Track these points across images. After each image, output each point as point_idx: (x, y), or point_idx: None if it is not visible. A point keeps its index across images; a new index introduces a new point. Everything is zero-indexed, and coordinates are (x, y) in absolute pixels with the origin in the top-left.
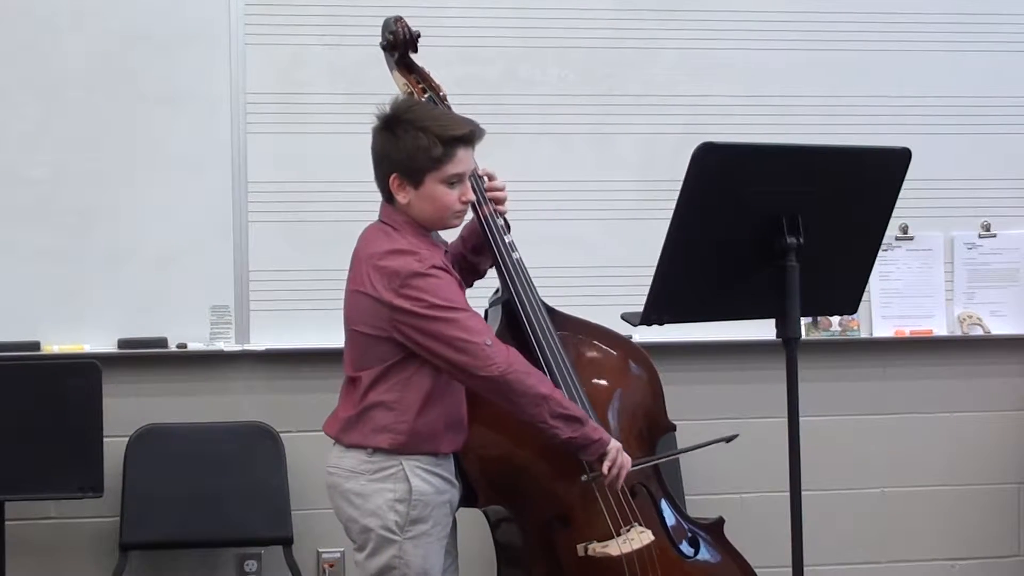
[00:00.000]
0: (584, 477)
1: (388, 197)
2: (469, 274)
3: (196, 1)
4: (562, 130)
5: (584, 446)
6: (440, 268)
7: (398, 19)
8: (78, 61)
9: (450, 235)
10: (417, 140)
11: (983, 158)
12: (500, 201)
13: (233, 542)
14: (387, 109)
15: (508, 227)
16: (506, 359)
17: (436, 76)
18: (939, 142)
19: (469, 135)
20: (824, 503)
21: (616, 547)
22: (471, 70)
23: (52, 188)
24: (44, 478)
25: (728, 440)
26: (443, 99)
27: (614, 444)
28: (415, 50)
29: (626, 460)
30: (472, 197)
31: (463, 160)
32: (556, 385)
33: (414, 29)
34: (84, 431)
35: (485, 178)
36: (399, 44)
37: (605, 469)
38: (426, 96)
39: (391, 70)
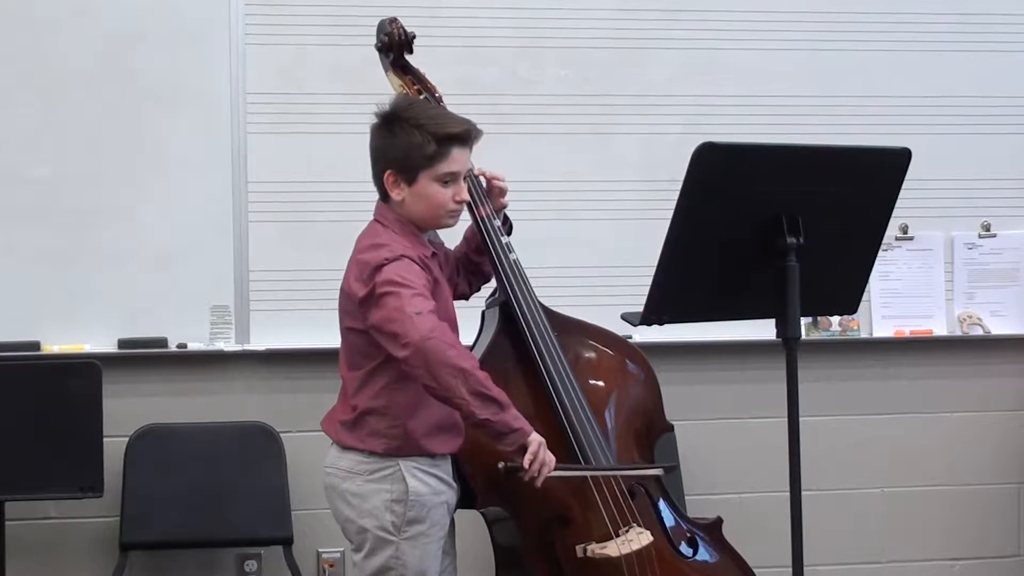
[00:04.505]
0: (500, 465)
1: (383, 194)
2: (475, 276)
3: (196, 1)
4: (562, 130)
5: (502, 433)
6: (409, 258)
7: (393, 20)
8: (78, 61)
9: (454, 237)
10: (411, 137)
11: (983, 158)
12: (502, 192)
13: (233, 542)
14: (386, 106)
15: (511, 226)
16: (429, 327)
17: (434, 77)
18: (939, 142)
19: (464, 134)
20: (824, 503)
21: (615, 548)
22: (470, 70)
23: (52, 188)
24: (44, 478)
25: (667, 471)
26: (439, 100)
27: (535, 438)
28: (410, 51)
29: (549, 458)
30: (467, 197)
31: (457, 159)
32: (554, 386)
33: (409, 31)
34: (84, 431)
35: (482, 178)
36: (394, 46)
37: (526, 463)
38: (422, 97)
39: (386, 71)
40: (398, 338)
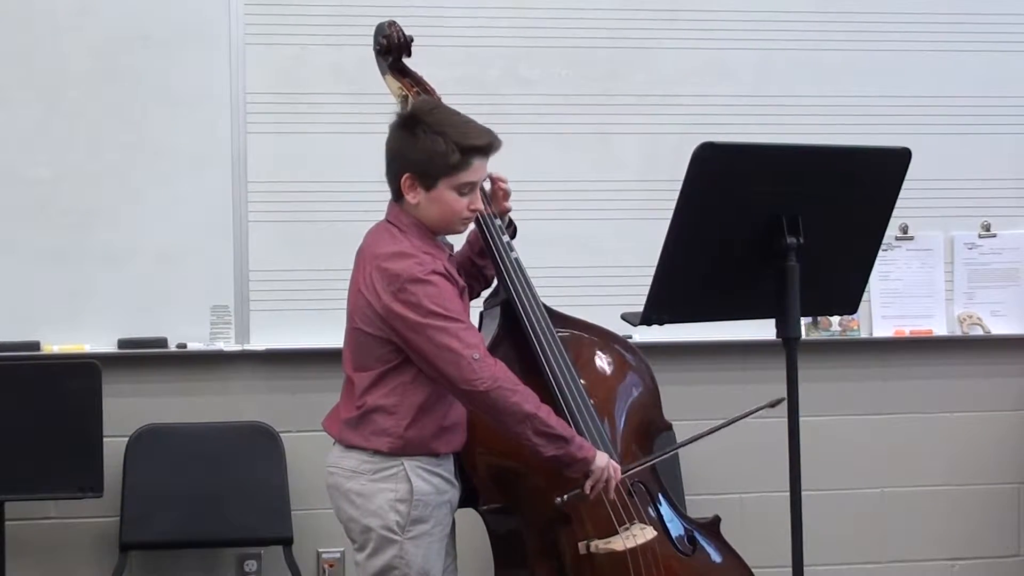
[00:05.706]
0: (557, 500)
1: (398, 196)
2: (476, 280)
3: (196, 1)
4: (562, 130)
5: (569, 464)
6: (441, 275)
7: (392, 23)
8: (78, 61)
9: (457, 240)
10: (435, 144)
11: (983, 158)
12: (506, 195)
13: (233, 542)
14: (408, 108)
15: (515, 230)
16: (492, 375)
17: (435, 76)
18: (939, 142)
19: (487, 146)
20: (824, 503)
21: (620, 542)
22: (471, 70)
23: (52, 188)
24: (44, 478)
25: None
26: None
27: (599, 464)
28: (408, 54)
29: (614, 472)
30: (481, 207)
31: (478, 170)
32: (557, 382)
33: (407, 34)
34: (84, 431)
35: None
36: (393, 49)
37: (587, 489)
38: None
39: (383, 75)
40: (454, 381)
